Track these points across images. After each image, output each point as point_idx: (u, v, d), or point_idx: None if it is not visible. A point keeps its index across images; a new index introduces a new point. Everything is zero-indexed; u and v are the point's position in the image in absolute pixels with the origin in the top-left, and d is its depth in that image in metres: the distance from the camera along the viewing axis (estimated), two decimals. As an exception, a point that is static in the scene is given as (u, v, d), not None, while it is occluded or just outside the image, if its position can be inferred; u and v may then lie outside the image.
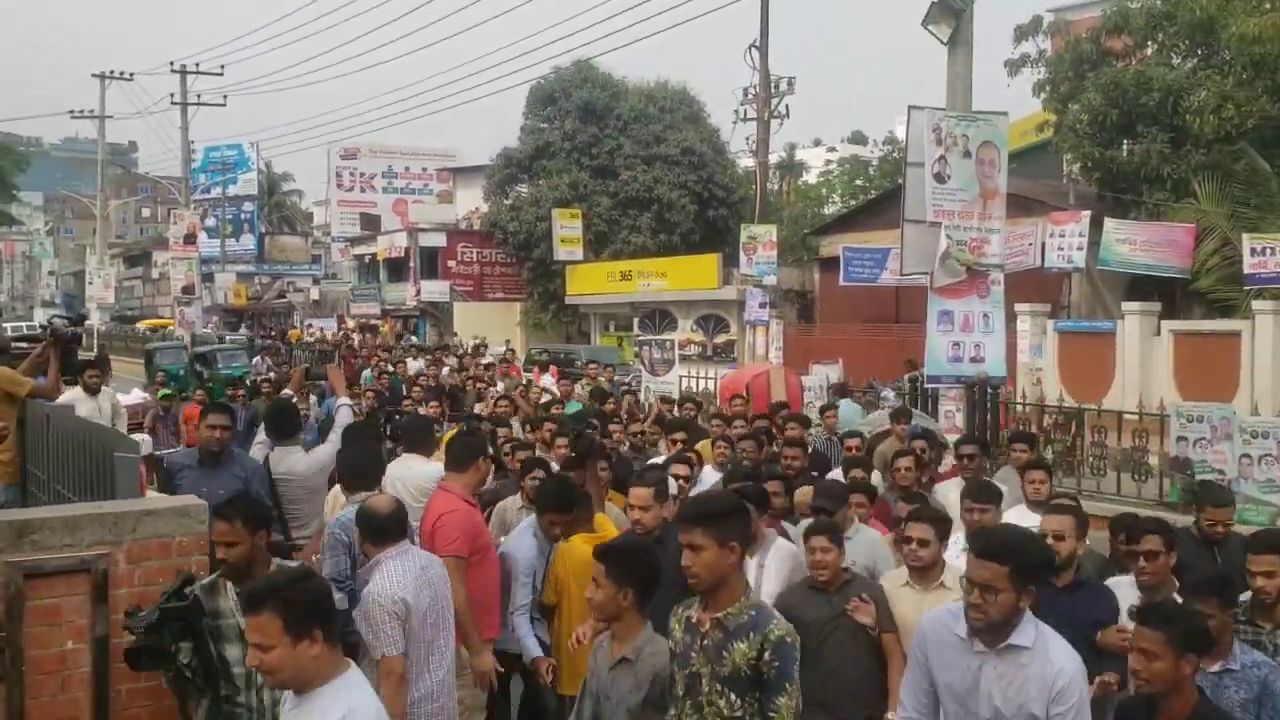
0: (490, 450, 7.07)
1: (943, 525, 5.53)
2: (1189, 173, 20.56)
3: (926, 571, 5.35)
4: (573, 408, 13.17)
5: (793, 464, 8.16)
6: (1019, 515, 6.60)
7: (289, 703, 3.32)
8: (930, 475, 8.68)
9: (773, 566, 5.61)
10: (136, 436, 9.23)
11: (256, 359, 29.12)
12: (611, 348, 32.37)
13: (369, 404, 13.07)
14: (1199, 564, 5.91)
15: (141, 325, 56.24)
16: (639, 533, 5.55)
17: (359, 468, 6.11)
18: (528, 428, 10.49)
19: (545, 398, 14.25)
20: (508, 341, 30.98)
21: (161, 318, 60.61)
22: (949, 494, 7.68)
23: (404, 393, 15.20)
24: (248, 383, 17.79)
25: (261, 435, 7.41)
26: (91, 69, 55.64)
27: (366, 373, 20.23)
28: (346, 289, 52.55)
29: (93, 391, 11.19)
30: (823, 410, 12.72)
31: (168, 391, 16.13)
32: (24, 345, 12.66)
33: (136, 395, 17.51)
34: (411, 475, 6.84)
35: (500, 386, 15.90)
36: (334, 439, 7.39)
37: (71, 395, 11.21)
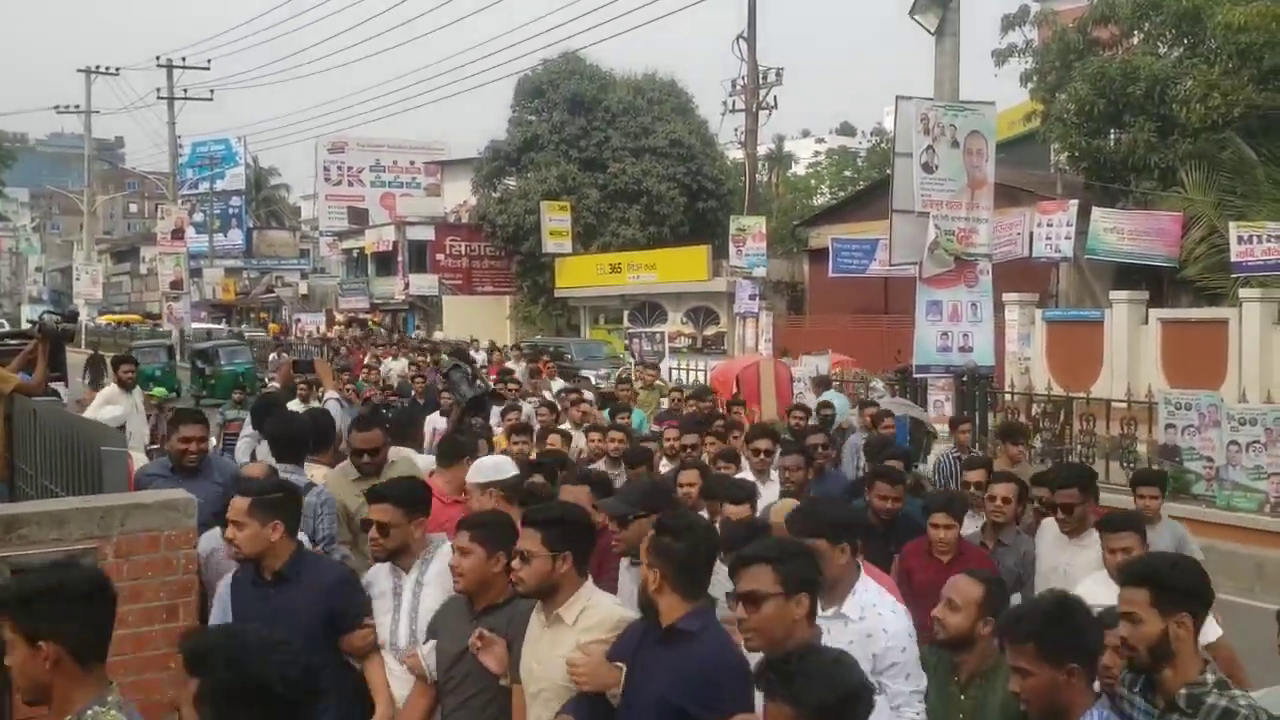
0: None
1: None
2: (1176, 161, 20.64)
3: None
4: (635, 417, 11.89)
5: (886, 507, 5.94)
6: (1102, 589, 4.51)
7: None
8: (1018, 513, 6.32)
9: (434, 581, 4.37)
10: (107, 408, 9.09)
11: (273, 355, 28.59)
12: (600, 341, 32.36)
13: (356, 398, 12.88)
14: None
15: (102, 320, 54.40)
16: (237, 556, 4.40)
17: None
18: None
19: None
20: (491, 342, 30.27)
21: (122, 313, 59.71)
22: (1044, 534, 6.07)
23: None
24: (266, 381, 17.32)
25: (248, 429, 7.37)
26: (77, 64, 55.54)
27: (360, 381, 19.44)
28: (335, 283, 52.44)
29: (128, 387, 11.08)
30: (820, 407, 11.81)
31: (161, 391, 15.90)
32: (12, 343, 12.58)
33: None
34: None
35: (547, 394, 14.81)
36: None
37: (109, 393, 11.08)
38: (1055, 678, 3.03)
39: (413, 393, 14.95)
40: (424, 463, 6.73)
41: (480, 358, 22.81)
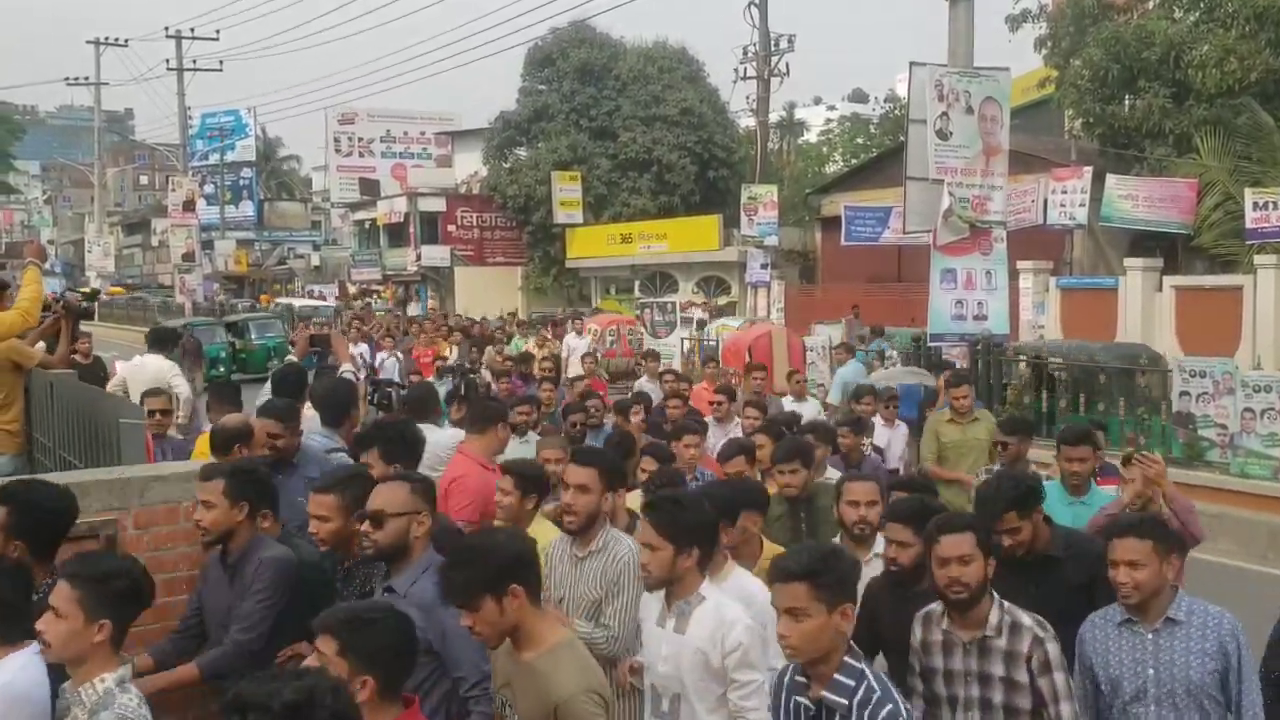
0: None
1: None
2: (1191, 128, 20.46)
3: None
4: None
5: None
6: None
7: None
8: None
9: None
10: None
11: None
12: (611, 311, 32.29)
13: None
14: None
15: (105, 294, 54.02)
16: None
17: None
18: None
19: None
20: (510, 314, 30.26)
21: (133, 285, 59.38)
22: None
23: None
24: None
25: (266, 399, 7.36)
26: (86, 35, 55.24)
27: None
28: (347, 255, 52.41)
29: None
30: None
31: (218, 374, 15.67)
32: None
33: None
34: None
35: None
36: None
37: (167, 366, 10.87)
38: None
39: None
40: (446, 437, 6.80)
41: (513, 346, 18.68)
